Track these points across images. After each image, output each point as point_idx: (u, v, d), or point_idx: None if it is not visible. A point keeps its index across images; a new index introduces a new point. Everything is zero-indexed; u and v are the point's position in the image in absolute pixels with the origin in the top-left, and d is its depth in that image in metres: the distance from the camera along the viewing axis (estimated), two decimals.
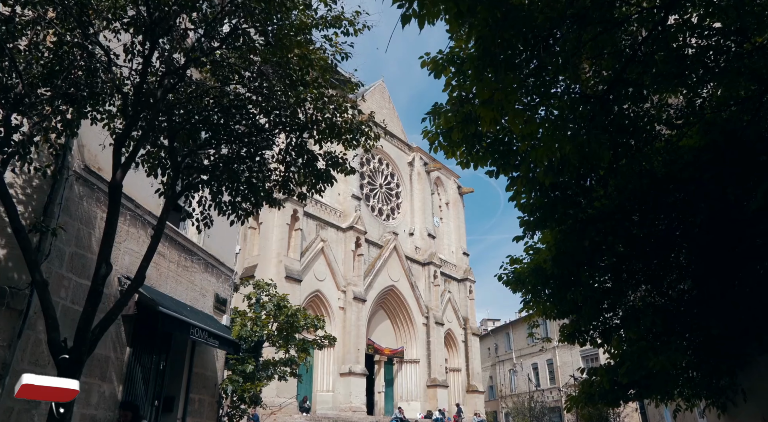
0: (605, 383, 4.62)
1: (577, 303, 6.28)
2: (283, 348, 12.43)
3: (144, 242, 9.49)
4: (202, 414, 10.96)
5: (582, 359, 44.42)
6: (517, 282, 6.74)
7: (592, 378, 5.69)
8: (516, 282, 6.76)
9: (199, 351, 11.09)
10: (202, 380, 11.03)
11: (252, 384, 10.74)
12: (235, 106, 6.89)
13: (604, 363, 6.41)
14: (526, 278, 6.50)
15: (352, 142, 6.68)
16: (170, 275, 10.24)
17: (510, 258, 7.17)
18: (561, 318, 6.85)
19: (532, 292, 6.64)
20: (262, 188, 7.29)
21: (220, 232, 12.53)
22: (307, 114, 6.69)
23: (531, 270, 6.43)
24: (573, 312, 6.50)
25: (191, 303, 10.84)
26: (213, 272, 11.93)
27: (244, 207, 7.31)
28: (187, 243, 10.95)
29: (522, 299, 7.02)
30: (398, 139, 45.11)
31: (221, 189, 7.28)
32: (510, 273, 7.00)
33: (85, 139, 8.11)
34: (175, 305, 9.56)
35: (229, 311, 12.48)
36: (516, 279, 6.77)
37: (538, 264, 6.15)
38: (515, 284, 6.77)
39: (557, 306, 6.50)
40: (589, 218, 5.23)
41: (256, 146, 7.04)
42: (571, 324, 6.13)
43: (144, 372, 9.23)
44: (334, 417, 29.34)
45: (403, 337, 39.18)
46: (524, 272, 6.64)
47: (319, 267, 33.16)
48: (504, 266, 7.16)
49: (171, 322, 8.54)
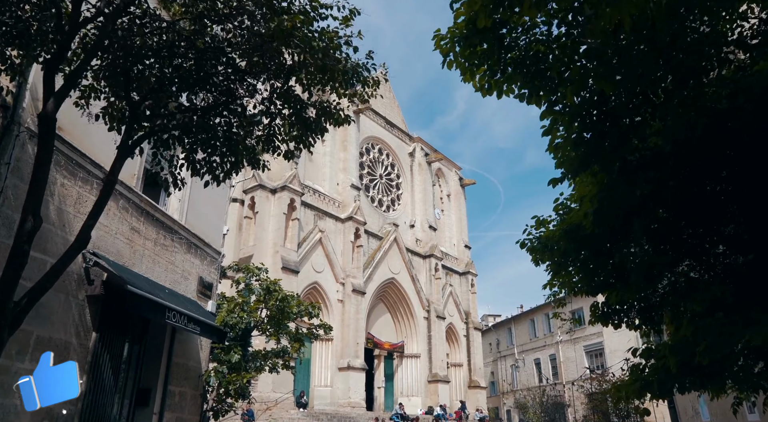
0: (672, 366, 3.62)
1: (622, 272, 5.23)
2: (273, 337, 11.41)
3: (115, 215, 8.46)
4: (183, 409, 9.94)
5: (585, 354, 43.53)
6: (543, 249, 5.64)
7: (646, 362, 4.65)
8: (542, 250, 5.66)
9: (180, 339, 10.07)
10: (183, 371, 10.00)
11: (238, 375, 9.73)
12: (210, 49, 5.84)
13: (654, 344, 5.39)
14: (555, 243, 5.42)
15: (347, 86, 5.63)
16: (146, 254, 9.21)
17: (536, 220, 6.06)
18: (594, 293, 5.79)
19: (562, 262, 5.57)
20: (242, 144, 6.25)
21: (206, 210, 11.49)
22: (293, 54, 5.65)
23: (563, 232, 5.32)
24: (608, 287, 5.45)
25: (171, 286, 9.80)
26: (197, 253, 10.90)
27: (222, 166, 6.26)
28: (167, 219, 9.91)
29: (548, 271, 5.96)
30: (399, 129, 44.06)
31: (194, 146, 6.24)
32: (534, 239, 5.92)
33: (41, 92, 7.06)
34: (150, 286, 8.52)
35: (215, 296, 11.46)
36: (542, 246, 5.69)
37: (573, 223, 5.06)
38: (541, 252, 5.67)
39: (593, 278, 5.43)
40: (642, 161, 4.19)
41: (235, 95, 5.99)
42: (616, 296, 5.06)
43: (114, 362, 8.20)
44: (332, 413, 28.37)
45: (404, 331, 38.18)
46: (553, 236, 5.55)
47: (317, 259, 32.14)
48: (528, 230, 6.09)
49: (142, 304, 7.50)
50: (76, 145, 7.57)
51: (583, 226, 4.57)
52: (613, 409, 21.40)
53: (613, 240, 4.97)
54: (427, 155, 45.02)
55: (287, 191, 30.60)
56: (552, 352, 47.16)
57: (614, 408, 21.35)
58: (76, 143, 7.58)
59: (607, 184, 4.29)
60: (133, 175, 8.99)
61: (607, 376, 23.44)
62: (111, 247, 8.28)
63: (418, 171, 43.62)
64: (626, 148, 4.12)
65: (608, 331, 38.11)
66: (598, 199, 4.35)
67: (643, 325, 5.69)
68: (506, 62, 3.98)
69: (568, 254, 5.39)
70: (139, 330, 9.08)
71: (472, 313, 44.49)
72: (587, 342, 43.13)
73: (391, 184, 42.39)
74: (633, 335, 35.97)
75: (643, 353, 4.58)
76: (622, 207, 4.29)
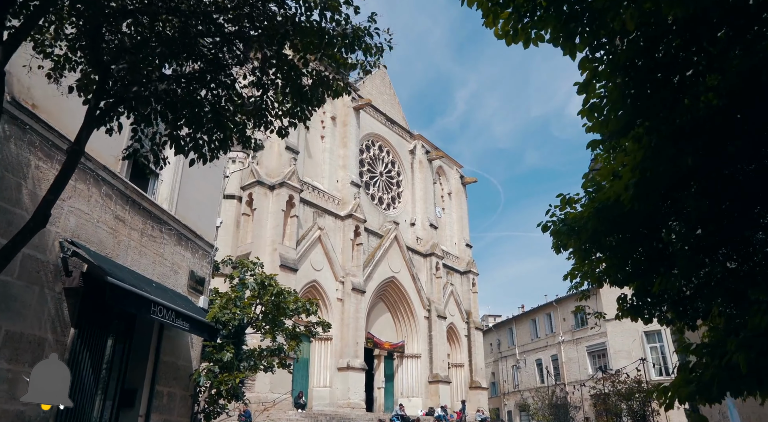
0: (743, 364, 3.03)
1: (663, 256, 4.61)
2: (269, 334, 10.80)
3: (97, 202, 7.87)
4: (172, 410, 9.34)
5: (588, 355, 42.90)
6: (569, 232, 5.01)
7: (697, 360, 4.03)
8: (567, 233, 5.01)
9: (169, 336, 9.47)
10: (172, 370, 9.40)
11: (230, 375, 9.12)
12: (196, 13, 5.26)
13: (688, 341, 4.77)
14: (583, 224, 4.79)
15: (347, 51, 5.03)
16: (132, 245, 8.61)
17: (561, 199, 5.38)
18: (623, 284, 5.15)
19: (588, 248, 4.92)
20: (230, 119, 5.66)
21: (198, 201, 10.90)
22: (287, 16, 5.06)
23: (594, 211, 4.67)
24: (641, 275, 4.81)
25: (159, 280, 9.21)
26: (188, 246, 10.30)
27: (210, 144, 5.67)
28: (155, 209, 9.31)
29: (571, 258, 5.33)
30: (399, 126, 43.46)
31: (178, 122, 5.66)
32: (559, 220, 5.26)
33: (14, 66, 6.46)
34: (135, 279, 7.94)
35: (207, 292, 10.86)
36: (567, 229, 5.04)
37: (607, 200, 4.40)
38: (566, 235, 5.02)
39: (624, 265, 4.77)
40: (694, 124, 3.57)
41: (223, 64, 5.41)
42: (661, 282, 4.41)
43: (94, 360, 7.60)
44: (331, 414, 27.75)
45: (404, 331, 37.56)
46: (581, 217, 4.89)
47: (316, 257, 31.53)
48: (551, 211, 5.43)
49: (124, 297, 6.90)
50: (54, 124, 6.98)
51: (621, 202, 3.93)
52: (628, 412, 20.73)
53: (655, 219, 4.34)
54: (428, 152, 44.41)
55: (286, 187, 30.00)
56: (554, 353, 46.53)
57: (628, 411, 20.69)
58: (54, 123, 6.99)
59: (653, 150, 3.67)
60: (118, 160, 8.40)
61: (621, 377, 22.80)
62: (92, 237, 7.69)
63: (419, 168, 43.02)
64: (677, 109, 3.51)
65: (612, 331, 37.50)
66: (640, 170, 3.73)
67: (676, 320, 5.08)
68: (536, 2, 3.39)
69: (597, 237, 4.74)
70: (123, 327, 8.49)
71: (474, 313, 43.87)
72: (590, 343, 42.51)
73: (392, 181, 41.79)
74: (638, 335, 35.50)
75: (697, 350, 3.96)
76: (667, 179, 3.67)
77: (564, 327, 45.57)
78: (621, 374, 23.17)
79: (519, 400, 50.19)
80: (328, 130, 36.26)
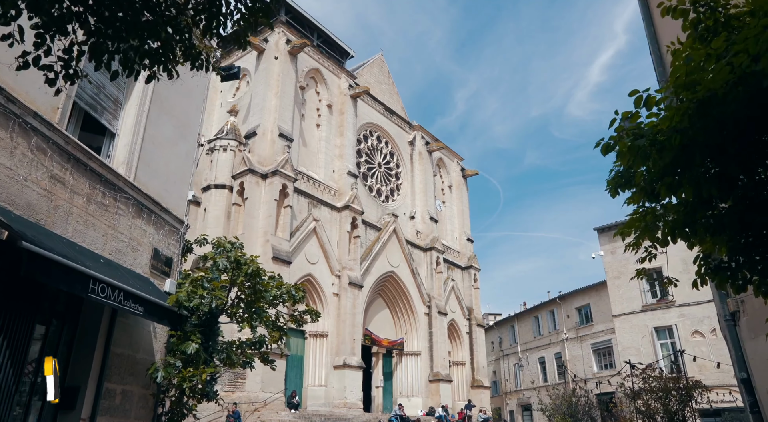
0: None
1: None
2: (246, 324, 9.32)
3: (25, 155, 6.35)
4: (128, 413, 7.85)
5: (593, 352, 41.46)
6: (647, 150, 3.37)
7: None
8: (642, 152, 3.34)
9: (126, 324, 7.99)
10: (128, 365, 7.91)
11: (195, 370, 7.63)
12: None
13: None
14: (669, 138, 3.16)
15: None
16: (75, 212, 7.12)
17: (637, 97, 3.26)
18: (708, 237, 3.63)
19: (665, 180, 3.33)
20: (172, 24, 4.18)
21: (165, 168, 9.41)
22: None
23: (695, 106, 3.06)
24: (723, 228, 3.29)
25: (112, 257, 7.73)
26: (151, 220, 8.81)
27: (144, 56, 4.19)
28: (108, 172, 7.82)
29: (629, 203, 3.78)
30: (398, 116, 41.97)
31: (103, 28, 4.18)
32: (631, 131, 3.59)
33: None
34: (73, 252, 6.46)
35: (176, 274, 9.36)
36: (647, 144, 3.39)
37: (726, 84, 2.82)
38: (642, 155, 3.35)
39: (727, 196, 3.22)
40: None
41: None
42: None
43: (15, 350, 6.11)
44: (326, 415, 26.27)
45: (403, 328, 36.06)
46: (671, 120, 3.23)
47: (311, 249, 30.04)
48: (617, 122, 3.72)
49: (48, 269, 5.42)
50: None
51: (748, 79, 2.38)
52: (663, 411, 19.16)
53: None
54: (427, 144, 42.94)
55: (279, 176, 28.51)
56: (557, 351, 45.10)
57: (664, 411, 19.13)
58: None
59: None
60: (57, 109, 6.91)
61: (654, 372, 21.26)
62: (17, 198, 6.20)
63: (419, 160, 41.53)
64: None
65: (620, 328, 35.98)
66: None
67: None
68: None
69: (689, 156, 3.13)
70: (62, 310, 7.00)
71: (475, 309, 42.38)
72: (595, 340, 41.09)
73: (390, 173, 40.29)
74: (648, 331, 33.97)
75: None
76: None
77: (568, 324, 44.16)
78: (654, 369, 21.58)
79: (521, 399, 48.81)
80: (324, 118, 34.76)
